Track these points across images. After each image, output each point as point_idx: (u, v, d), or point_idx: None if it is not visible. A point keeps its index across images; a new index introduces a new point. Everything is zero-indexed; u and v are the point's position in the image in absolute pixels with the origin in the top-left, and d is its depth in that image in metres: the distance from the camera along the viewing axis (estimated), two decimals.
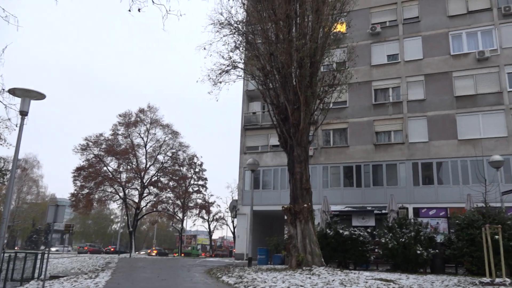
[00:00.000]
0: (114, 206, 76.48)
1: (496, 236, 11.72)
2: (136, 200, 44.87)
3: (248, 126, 30.84)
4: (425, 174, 25.48)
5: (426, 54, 27.06)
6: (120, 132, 45.10)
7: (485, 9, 26.42)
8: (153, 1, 7.32)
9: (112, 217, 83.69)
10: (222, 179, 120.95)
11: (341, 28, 20.07)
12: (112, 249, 56.56)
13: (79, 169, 41.88)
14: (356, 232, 17.76)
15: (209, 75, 17.63)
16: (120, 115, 45.48)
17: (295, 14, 16.92)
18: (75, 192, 41.82)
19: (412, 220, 17.33)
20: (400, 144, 26.34)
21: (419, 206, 25.03)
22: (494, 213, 14.83)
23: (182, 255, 49.83)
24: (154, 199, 47.43)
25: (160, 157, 46.88)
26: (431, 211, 24.79)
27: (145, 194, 45.37)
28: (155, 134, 46.35)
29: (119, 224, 68.19)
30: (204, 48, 17.55)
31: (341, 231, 17.65)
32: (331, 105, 19.10)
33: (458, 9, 27.15)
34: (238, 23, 18.10)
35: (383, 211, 24.48)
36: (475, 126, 24.87)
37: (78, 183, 41.84)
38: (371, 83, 27.97)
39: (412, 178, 25.55)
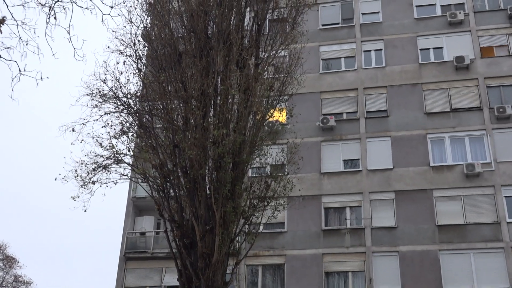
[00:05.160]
0: None
1: None
2: None
3: (132, 254, 29.82)
4: None
5: (397, 162, 28.97)
6: None
7: (473, 108, 29.47)
8: None
9: None
10: None
11: (279, 116, 21.13)
12: None
13: None
14: None
15: (76, 171, 17.25)
16: None
17: (214, 92, 17.58)
18: None
19: None
20: None
21: None
22: None
23: None
24: None
25: None
26: None
27: None
28: None
29: None
30: (73, 130, 17.37)
31: None
32: (261, 228, 19.27)
33: (438, 105, 30.00)
34: (129, 96, 18.37)
35: None
36: (466, 270, 26.09)
37: None
38: (321, 199, 28.96)
39: None
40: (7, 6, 8.05)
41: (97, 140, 17.74)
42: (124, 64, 18.38)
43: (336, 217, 28.79)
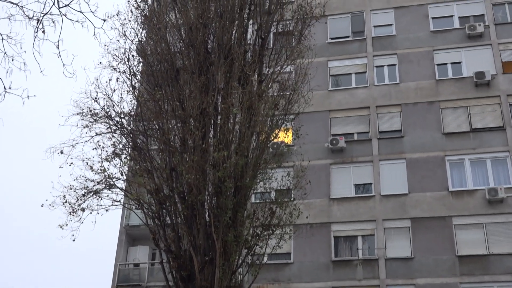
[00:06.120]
0: None
1: None
2: None
3: (125, 287, 29.64)
4: None
5: (413, 187, 28.84)
6: None
7: (495, 128, 29.40)
8: None
9: None
10: None
11: (285, 137, 21.11)
12: None
13: None
14: None
15: (65, 197, 17.21)
16: None
17: (214, 111, 17.60)
18: None
19: None
20: None
21: None
22: None
23: None
24: None
25: None
26: None
27: None
28: None
29: None
30: (61, 152, 17.37)
31: None
32: (265, 258, 19.17)
33: (457, 124, 29.92)
34: (122, 116, 18.39)
35: None
36: None
37: None
38: (330, 227, 28.81)
39: None
40: None
41: (87, 163, 17.73)
42: (117, 81, 18.41)
43: (347, 246, 28.60)
